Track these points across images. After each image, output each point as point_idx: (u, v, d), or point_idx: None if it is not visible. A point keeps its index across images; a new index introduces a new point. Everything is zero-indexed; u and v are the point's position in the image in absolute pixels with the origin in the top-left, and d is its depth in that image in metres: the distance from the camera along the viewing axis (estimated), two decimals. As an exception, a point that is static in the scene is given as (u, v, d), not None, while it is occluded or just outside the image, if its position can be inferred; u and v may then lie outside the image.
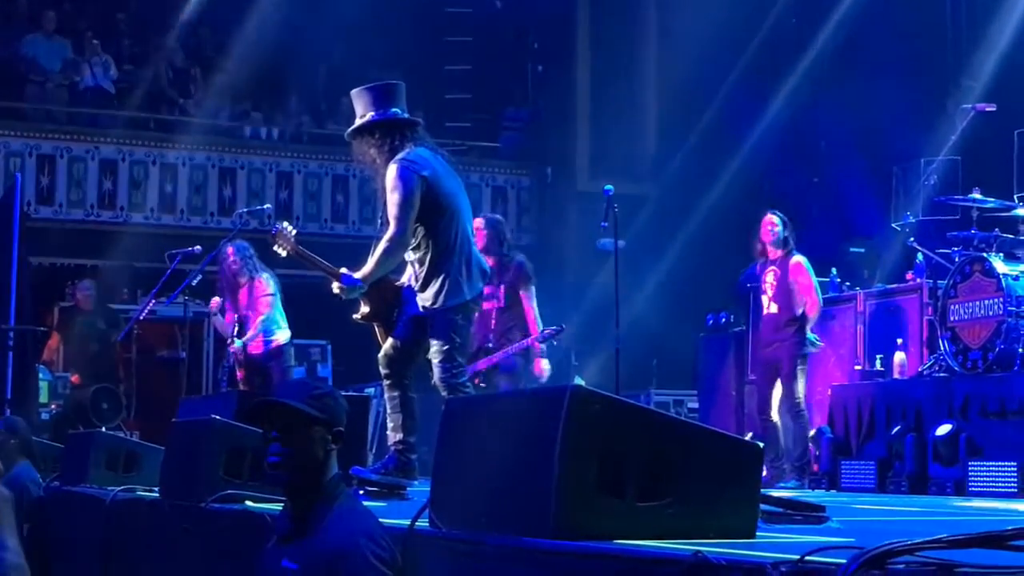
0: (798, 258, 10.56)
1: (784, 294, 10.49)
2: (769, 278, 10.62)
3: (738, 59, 15.98)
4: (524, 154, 18.97)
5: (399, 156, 6.93)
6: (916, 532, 3.25)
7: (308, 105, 18.59)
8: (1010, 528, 2.67)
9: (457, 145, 17.64)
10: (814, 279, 10.59)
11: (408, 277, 7.19)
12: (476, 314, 7.27)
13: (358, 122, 7.13)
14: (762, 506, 4.18)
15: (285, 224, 7.45)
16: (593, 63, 18.16)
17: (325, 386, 4.17)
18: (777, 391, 10.58)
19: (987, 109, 10.61)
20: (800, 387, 10.46)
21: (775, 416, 10.55)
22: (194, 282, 11.31)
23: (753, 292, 11.51)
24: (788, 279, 10.48)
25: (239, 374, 10.81)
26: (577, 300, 15.86)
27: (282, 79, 18.07)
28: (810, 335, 10.55)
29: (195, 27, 18.17)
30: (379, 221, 7.19)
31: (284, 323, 10.88)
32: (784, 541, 3.81)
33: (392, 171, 6.89)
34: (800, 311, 10.46)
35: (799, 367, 10.44)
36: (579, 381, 12.10)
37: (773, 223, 10.59)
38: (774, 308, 10.57)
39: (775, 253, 10.59)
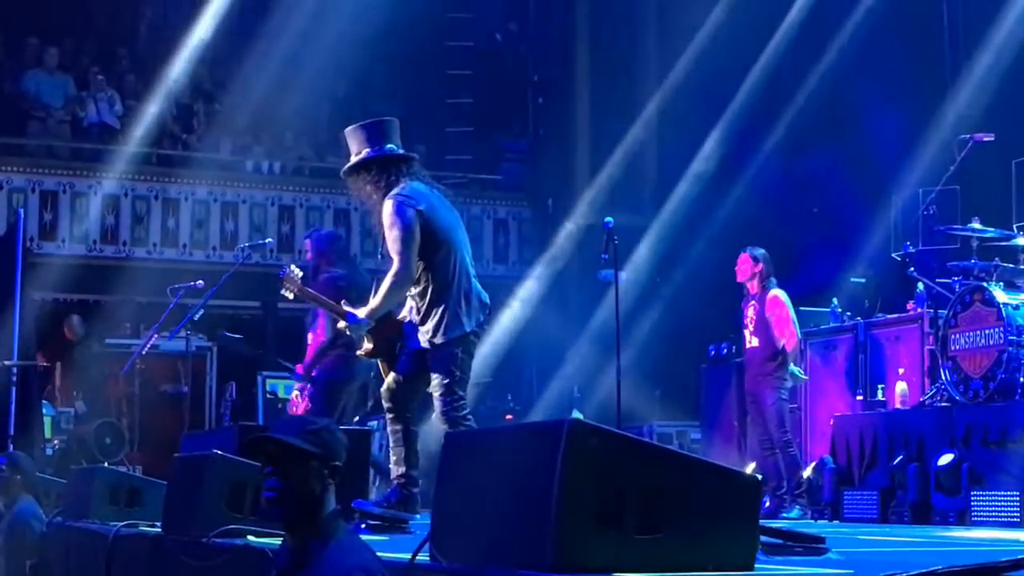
0: (775, 292, 10.64)
1: (762, 328, 10.59)
2: (750, 312, 10.75)
3: (737, 90, 16.05)
4: (525, 186, 19.02)
5: (394, 192, 6.98)
6: (915, 563, 3.26)
7: (310, 139, 18.65)
8: (1005, 559, 2.69)
9: (458, 178, 17.68)
10: (791, 313, 10.62)
11: (408, 311, 7.22)
12: (476, 347, 7.26)
13: (353, 159, 7.19)
14: (762, 538, 4.19)
15: (292, 267, 7.55)
16: (593, 94, 18.22)
17: (322, 420, 4.17)
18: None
19: (985, 139, 10.63)
20: (785, 419, 10.53)
21: (773, 445, 10.57)
22: (196, 316, 11.32)
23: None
24: (765, 313, 10.57)
25: (305, 404, 10.90)
26: (579, 332, 15.89)
27: (283, 113, 18.13)
28: (793, 368, 10.61)
29: (198, 63, 18.23)
30: (379, 255, 7.24)
31: None
32: (783, 573, 3.82)
33: (388, 207, 6.93)
34: (781, 345, 10.51)
35: (780, 400, 10.51)
36: (577, 415, 12.13)
37: (744, 262, 10.71)
38: (755, 342, 10.69)
39: (754, 288, 10.69)
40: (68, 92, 17.67)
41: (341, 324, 7.11)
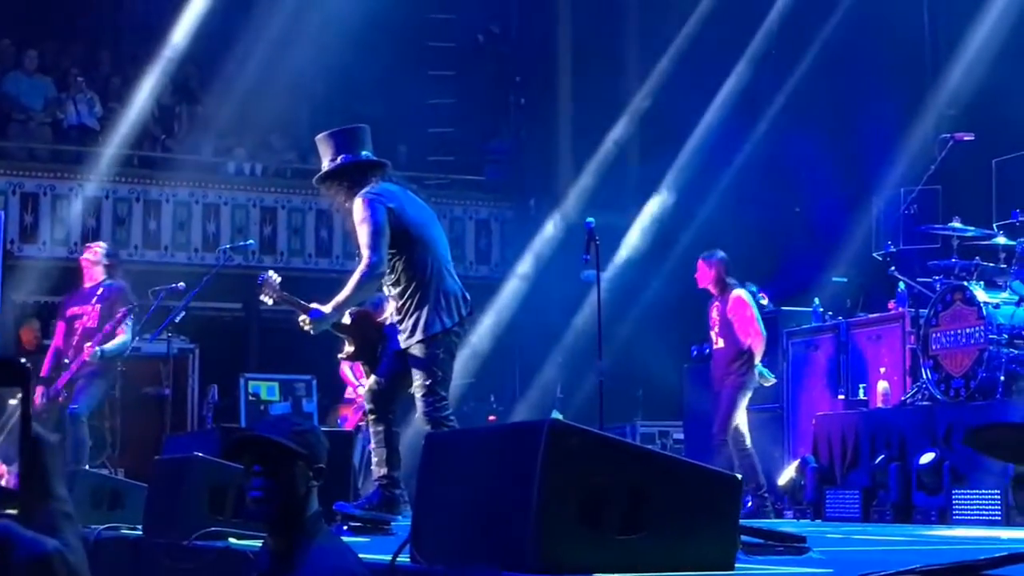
0: (736, 293, 10.79)
1: (726, 329, 10.70)
2: (714, 313, 10.94)
3: (719, 89, 16.08)
4: (507, 187, 19.00)
5: (364, 190, 6.98)
6: (895, 562, 3.26)
7: (291, 140, 18.60)
8: (983, 558, 2.69)
9: (440, 179, 17.66)
10: (755, 313, 10.76)
11: (390, 314, 7.20)
12: (457, 347, 7.22)
13: (326, 167, 7.18)
14: (743, 537, 4.19)
15: (271, 273, 7.46)
16: (575, 95, 18.23)
17: (307, 422, 4.17)
18: (743, 422, 10.69)
19: (966, 138, 10.67)
20: (741, 419, 10.61)
21: (749, 445, 10.62)
22: (178, 318, 11.30)
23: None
24: (727, 314, 10.66)
25: None
26: (562, 332, 15.89)
27: (265, 115, 18.09)
28: (761, 369, 10.72)
29: (180, 64, 18.18)
30: (356, 258, 7.21)
31: None
32: (762, 572, 3.82)
33: (358, 204, 6.93)
34: (746, 345, 10.60)
35: (740, 399, 10.62)
36: (557, 415, 12.14)
37: (699, 268, 10.92)
38: (720, 343, 10.87)
39: (716, 290, 10.80)
40: (48, 94, 17.61)
41: (302, 318, 7.05)
